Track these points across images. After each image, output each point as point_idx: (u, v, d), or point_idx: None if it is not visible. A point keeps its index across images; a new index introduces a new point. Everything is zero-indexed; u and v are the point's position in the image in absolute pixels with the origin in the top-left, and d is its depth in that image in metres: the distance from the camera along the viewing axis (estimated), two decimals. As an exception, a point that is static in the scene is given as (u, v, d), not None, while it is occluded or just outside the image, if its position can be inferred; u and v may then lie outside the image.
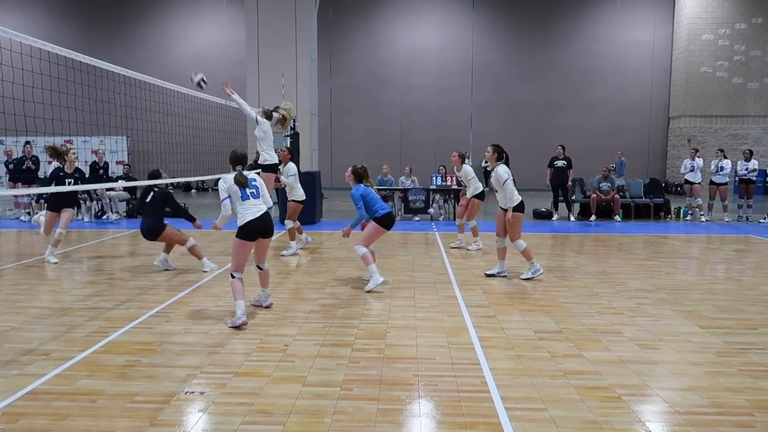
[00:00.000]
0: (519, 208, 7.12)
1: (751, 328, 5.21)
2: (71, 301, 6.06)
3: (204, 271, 7.59)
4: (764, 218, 13.62)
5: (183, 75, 23.72)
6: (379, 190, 13.88)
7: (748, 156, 13.95)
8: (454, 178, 14.95)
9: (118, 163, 21.38)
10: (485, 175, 11.53)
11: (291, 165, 9.16)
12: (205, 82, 8.20)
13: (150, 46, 25.17)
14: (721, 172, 13.59)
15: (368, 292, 6.48)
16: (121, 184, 7.97)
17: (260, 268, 5.83)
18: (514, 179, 7.38)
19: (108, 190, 13.54)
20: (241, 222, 5.43)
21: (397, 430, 3.29)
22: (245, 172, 5.53)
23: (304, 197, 9.13)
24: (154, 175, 7.82)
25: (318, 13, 18.77)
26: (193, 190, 23.76)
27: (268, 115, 8.30)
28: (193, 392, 3.76)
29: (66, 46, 5.65)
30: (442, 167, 16.12)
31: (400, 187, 14.20)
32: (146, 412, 3.47)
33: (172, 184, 21.01)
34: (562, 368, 4.20)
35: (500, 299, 6.25)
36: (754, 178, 13.92)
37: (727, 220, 13.63)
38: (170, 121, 10.50)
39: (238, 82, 21.59)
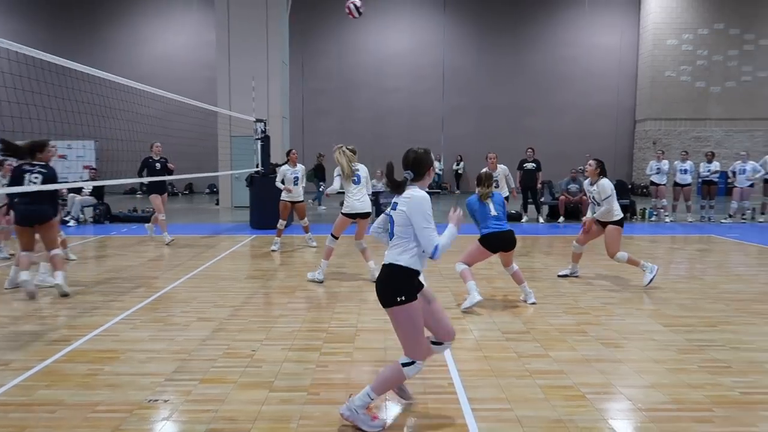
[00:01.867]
0: (619, 222, 7.11)
1: (711, 326, 5.34)
2: (33, 309, 5.91)
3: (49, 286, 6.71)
4: (725, 218, 13.99)
5: (153, 77, 23.42)
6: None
7: (710, 158, 14.32)
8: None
9: (85, 167, 20.93)
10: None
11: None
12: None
13: (119, 48, 24.75)
14: (684, 174, 13.94)
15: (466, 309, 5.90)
16: (87, 184, 7.83)
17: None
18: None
19: (71, 191, 13.28)
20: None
21: (364, 434, 3.28)
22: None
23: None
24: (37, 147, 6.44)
25: (289, 17, 18.71)
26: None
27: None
28: (156, 400, 3.70)
29: (34, 47, 5.52)
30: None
31: (372, 191, 14.18)
32: (108, 422, 3.40)
33: (141, 186, 20.61)
34: (528, 368, 4.24)
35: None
36: (716, 180, 14.29)
37: (690, 220, 13.97)
38: (140, 122, 10.35)
39: (208, 85, 21.45)
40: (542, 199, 14.64)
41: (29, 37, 21.34)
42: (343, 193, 7.31)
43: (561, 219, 13.89)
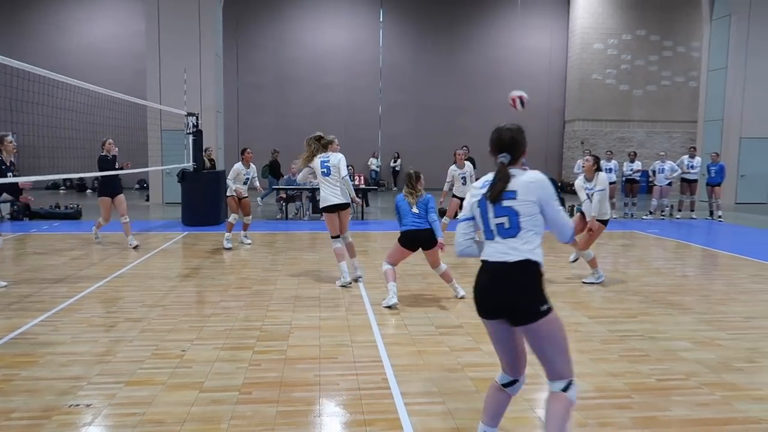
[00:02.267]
0: (605, 221, 7.09)
1: (632, 317, 5.63)
2: (-60, 313, 5.51)
3: None
4: (646, 215, 14.77)
5: (78, 67, 22.33)
6: (286, 189, 13.79)
7: (633, 157, 15.09)
8: (362, 177, 15.04)
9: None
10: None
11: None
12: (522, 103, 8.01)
13: (39, 36, 23.35)
14: (609, 173, 14.62)
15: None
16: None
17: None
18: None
19: None
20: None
21: (297, 432, 3.25)
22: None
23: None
24: None
25: (223, 9, 18.26)
26: (89, 190, 22.32)
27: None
28: (78, 405, 3.53)
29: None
30: (351, 166, 16.17)
31: (308, 187, 14.06)
32: (24, 429, 3.22)
33: (65, 182, 19.60)
34: (460, 361, 4.33)
35: (405, 297, 6.35)
36: (638, 178, 15.08)
37: (614, 216, 14.65)
38: (63, 116, 9.79)
39: (137, 77, 20.62)
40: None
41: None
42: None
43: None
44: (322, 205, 6.99)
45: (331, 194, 6.88)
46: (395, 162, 24.75)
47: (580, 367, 4.22)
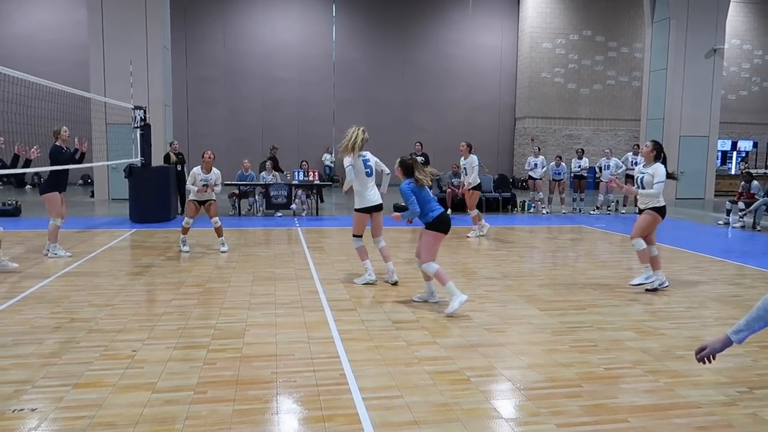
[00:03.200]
0: (659, 210, 6.60)
1: (581, 309, 5.81)
2: None
3: None
4: (594, 210, 15.26)
5: (14, 57, 21.31)
6: (239, 185, 13.56)
7: (581, 154, 15.59)
8: (316, 173, 14.97)
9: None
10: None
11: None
12: None
13: (-29, 23, 22.14)
14: (558, 176, 15.15)
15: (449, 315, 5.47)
16: None
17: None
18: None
19: None
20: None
21: (254, 430, 3.21)
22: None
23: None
24: None
25: (171, 1, 17.76)
26: (28, 186, 21.34)
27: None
28: (22, 409, 3.39)
29: None
30: (305, 162, 16.06)
31: (261, 183, 13.90)
32: (-37, 437, 3.06)
33: (34, 179, 18.69)
34: (417, 356, 4.37)
35: (361, 292, 6.36)
36: (586, 175, 15.58)
37: (564, 212, 15.08)
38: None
39: (80, 69, 19.82)
40: (431, 192, 15.09)
41: None
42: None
43: (448, 211, 14.40)
44: (363, 205, 6.70)
45: (371, 194, 6.74)
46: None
47: (532, 359, 4.35)
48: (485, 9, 25.63)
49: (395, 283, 6.73)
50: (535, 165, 15.25)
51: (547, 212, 15.07)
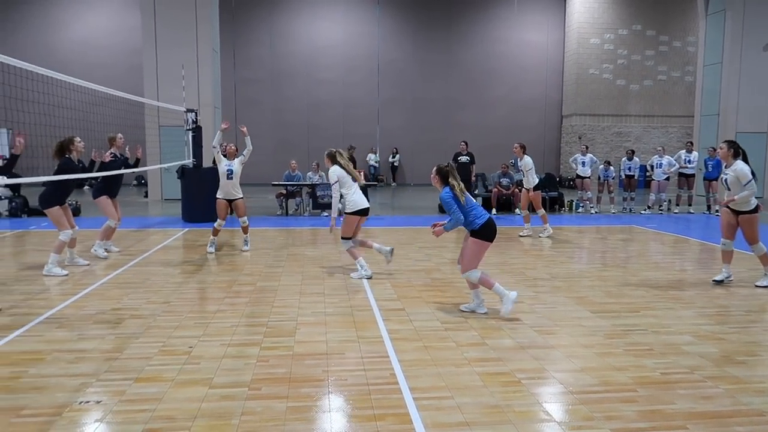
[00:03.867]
0: (754, 209, 6.53)
1: (635, 311, 5.67)
2: (-56, 310, 5.51)
3: None
4: (645, 210, 14.83)
5: (72, 63, 22.21)
6: (286, 185, 13.79)
7: (630, 155, 15.21)
8: (362, 173, 15.02)
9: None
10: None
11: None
12: None
13: (33, 32, 23.20)
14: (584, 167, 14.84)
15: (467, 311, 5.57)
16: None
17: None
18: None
19: None
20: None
21: (307, 427, 3.28)
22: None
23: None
24: None
25: (220, 3, 18.19)
26: (86, 187, 22.22)
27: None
28: (88, 402, 3.55)
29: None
30: (351, 148, 16.15)
31: (308, 183, 14.09)
32: (35, 426, 3.23)
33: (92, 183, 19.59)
34: (466, 356, 4.36)
35: (408, 292, 6.38)
36: (636, 173, 15.19)
37: (613, 211, 14.72)
38: (58, 114, 9.71)
39: (134, 73, 20.51)
40: (476, 192, 14.99)
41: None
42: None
43: (494, 211, 14.28)
44: (356, 208, 7.03)
45: (361, 198, 7.14)
46: (393, 157, 24.76)
47: (584, 362, 4.27)
48: (530, 5, 25.26)
49: (392, 250, 7.22)
50: (583, 163, 14.94)
51: (595, 212, 14.74)
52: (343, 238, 7.12)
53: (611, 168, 15.08)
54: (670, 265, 8.13)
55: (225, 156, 8.84)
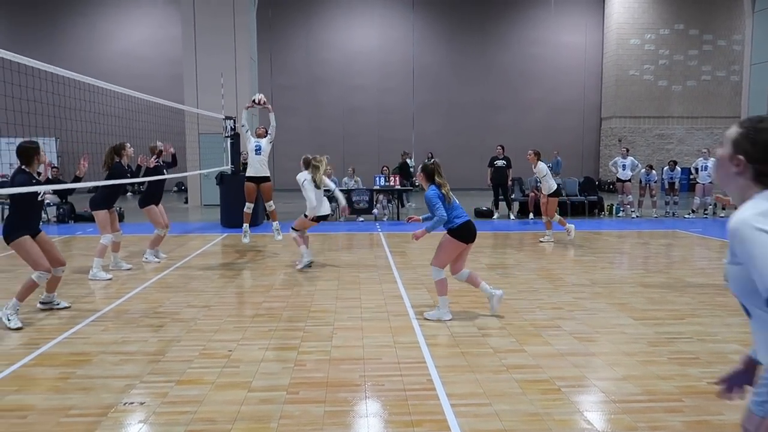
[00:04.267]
0: None
1: (679, 319, 5.51)
2: (-3, 313, 5.72)
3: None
4: (689, 214, 14.41)
5: (115, 73, 22.87)
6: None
7: (672, 166, 14.85)
8: (397, 178, 15.06)
9: (47, 166, 20.30)
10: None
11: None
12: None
13: (79, 43, 24.09)
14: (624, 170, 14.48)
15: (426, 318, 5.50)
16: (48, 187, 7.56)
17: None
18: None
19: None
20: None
21: (345, 432, 3.29)
22: None
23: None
24: None
25: (257, 12, 18.52)
26: (129, 194, 22.89)
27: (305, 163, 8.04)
28: (132, 403, 3.64)
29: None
30: (385, 167, 16.20)
31: (343, 188, 14.17)
32: (82, 426, 3.33)
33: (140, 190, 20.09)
34: (504, 363, 4.31)
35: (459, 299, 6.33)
36: (677, 181, 14.86)
37: (655, 215, 14.35)
38: (103, 121, 10.05)
39: (174, 82, 21.05)
40: (512, 196, 14.83)
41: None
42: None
43: (531, 216, 14.10)
44: (321, 213, 7.96)
45: (325, 206, 8.09)
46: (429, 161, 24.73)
47: (627, 370, 4.17)
48: (568, 7, 24.92)
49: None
50: (624, 166, 14.62)
51: (637, 216, 14.39)
52: (293, 228, 8.01)
53: (653, 172, 14.72)
54: (716, 271, 7.86)
55: (256, 137, 9.19)
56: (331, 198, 9.58)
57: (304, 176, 7.81)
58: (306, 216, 7.87)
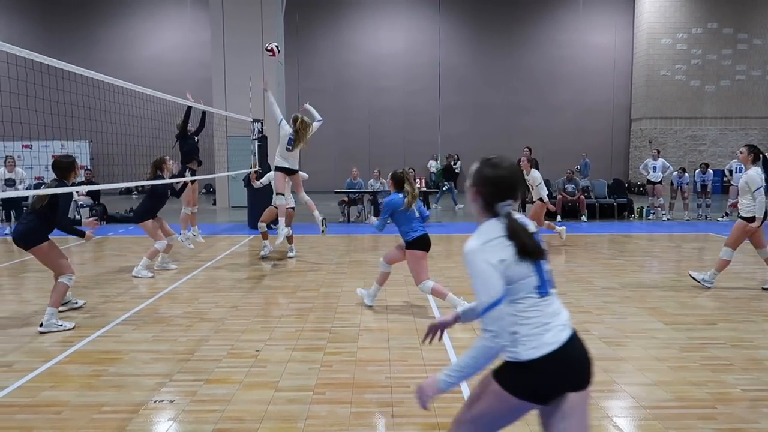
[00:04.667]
0: (748, 218, 6.56)
1: (711, 324, 5.38)
2: (33, 311, 5.89)
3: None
4: (722, 217, 14.07)
5: (146, 77, 23.30)
6: (347, 193, 13.96)
7: (704, 169, 14.48)
8: (423, 180, 15.04)
9: (80, 167, 20.82)
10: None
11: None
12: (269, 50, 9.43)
13: (112, 48, 24.65)
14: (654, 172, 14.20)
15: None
16: (82, 189, 7.78)
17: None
18: None
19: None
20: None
21: (371, 433, 3.29)
22: None
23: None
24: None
25: (284, 16, 18.70)
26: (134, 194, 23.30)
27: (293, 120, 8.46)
28: (162, 401, 3.70)
29: (25, 47, 5.49)
30: (411, 169, 16.18)
31: (369, 190, 14.22)
32: (114, 423, 3.40)
33: (136, 187, 20.49)
34: (532, 367, 4.25)
35: (471, 300, 6.30)
36: (709, 184, 14.52)
37: (687, 218, 14.04)
38: (134, 123, 10.28)
39: (203, 86, 21.38)
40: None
41: (23, 39, 21.27)
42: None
43: (559, 218, 13.93)
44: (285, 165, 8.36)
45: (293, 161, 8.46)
46: (455, 164, 24.60)
47: (658, 375, 4.09)
48: (597, 7, 24.58)
49: (324, 220, 8.14)
50: (654, 168, 14.35)
51: (668, 219, 14.11)
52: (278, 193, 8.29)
53: (686, 175, 14.41)
54: (751, 275, 7.66)
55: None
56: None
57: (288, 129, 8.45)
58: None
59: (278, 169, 8.38)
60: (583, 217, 14.02)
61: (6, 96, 6.33)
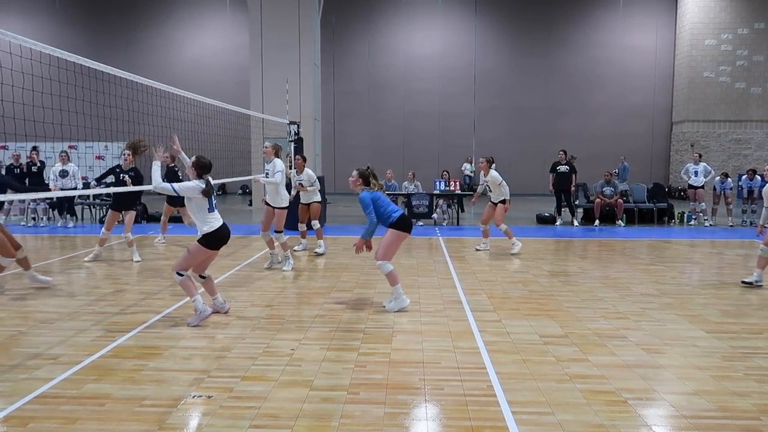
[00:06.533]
0: None
1: (757, 333, 5.21)
2: (77, 306, 6.09)
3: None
4: (768, 223, 13.59)
5: (186, 80, 23.86)
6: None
7: (752, 176, 14.05)
8: (457, 183, 14.98)
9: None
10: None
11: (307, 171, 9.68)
12: None
13: (154, 52, 25.31)
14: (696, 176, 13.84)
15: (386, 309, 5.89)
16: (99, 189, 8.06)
17: (203, 277, 5.74)
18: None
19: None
20: (209, 230, 5.42)
21: (405, 434, 3.30)
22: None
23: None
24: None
25: (321, 19, 18.87)
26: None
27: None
28: (200, 396, 3.78)
29: (70, 51, 5.69)
30: (445, 172, 16.14)
31: (403, 192, 14.23)
32: (154, 416, 3.49)
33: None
34: (568, 372, 4.21)
35: (505, 304, 6.26)
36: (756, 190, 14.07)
37: (731, 224, 13.63)
38: (174, 126, 10.53)
39: (241, 88, 21.76)
40: (576, 202, 14.46)
41: (66, 42, 22.00)
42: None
43: (596, 222, 13.70)
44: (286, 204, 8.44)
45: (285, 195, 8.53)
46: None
47: (699, 384, 3.99)
48: (637, 7, 24.09)
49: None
50: (696, 172, 13.98)
51: (710, 224, 13.72)
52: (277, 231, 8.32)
53: (729, 180, 13.98)
54: (799, 283, 7.39)
55: (295, 170, 9.67)
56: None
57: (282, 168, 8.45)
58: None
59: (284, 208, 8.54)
60: (621, 222, 13.74)
61: (55, 99, 6.56)
